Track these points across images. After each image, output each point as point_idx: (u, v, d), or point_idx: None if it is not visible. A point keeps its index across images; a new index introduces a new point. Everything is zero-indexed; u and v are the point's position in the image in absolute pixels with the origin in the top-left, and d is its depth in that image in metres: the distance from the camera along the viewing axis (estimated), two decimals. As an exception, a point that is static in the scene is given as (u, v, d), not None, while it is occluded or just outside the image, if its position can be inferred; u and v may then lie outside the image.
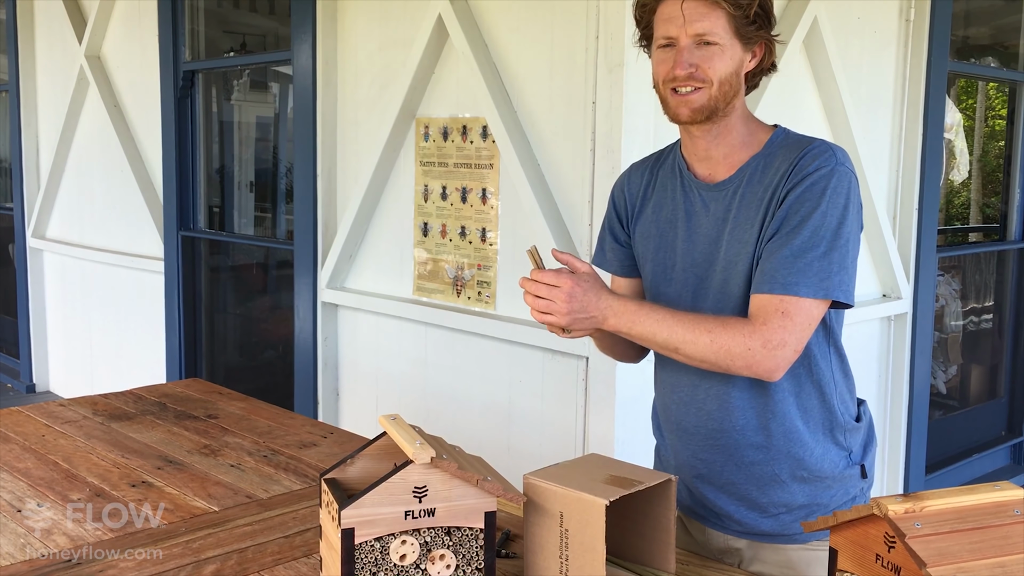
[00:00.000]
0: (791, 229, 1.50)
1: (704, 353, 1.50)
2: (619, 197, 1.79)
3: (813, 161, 1.52)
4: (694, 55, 1.53)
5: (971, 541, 1.15)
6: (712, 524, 1.71)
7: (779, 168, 1.55)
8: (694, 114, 1.56)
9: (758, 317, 1.49)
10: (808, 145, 1.56)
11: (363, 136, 3.82)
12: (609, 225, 1.80)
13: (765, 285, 1.50)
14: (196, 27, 4.93)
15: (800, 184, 1.51)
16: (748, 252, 1.55)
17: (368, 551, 1.34)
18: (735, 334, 1.48)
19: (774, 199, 1.53)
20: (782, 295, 1.48)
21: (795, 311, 1.48)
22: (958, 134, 4.90)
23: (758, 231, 1.55)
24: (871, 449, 1.70)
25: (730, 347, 1.48)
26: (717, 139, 1.60)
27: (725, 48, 1.53)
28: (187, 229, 4.92)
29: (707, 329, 1.50)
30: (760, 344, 1.48)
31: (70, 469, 2.06)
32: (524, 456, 3.28)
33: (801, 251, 1.48)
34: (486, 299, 3.42)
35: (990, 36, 5.19)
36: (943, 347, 4.87)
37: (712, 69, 1.53)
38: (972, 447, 4.83)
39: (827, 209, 1.49)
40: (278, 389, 4.51)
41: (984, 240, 5.40)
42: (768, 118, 1.69)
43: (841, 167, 1.52)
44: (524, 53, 3.22)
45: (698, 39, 1.52)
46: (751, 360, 1.49)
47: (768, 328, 1.48)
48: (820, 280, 1.48)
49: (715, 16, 1.51)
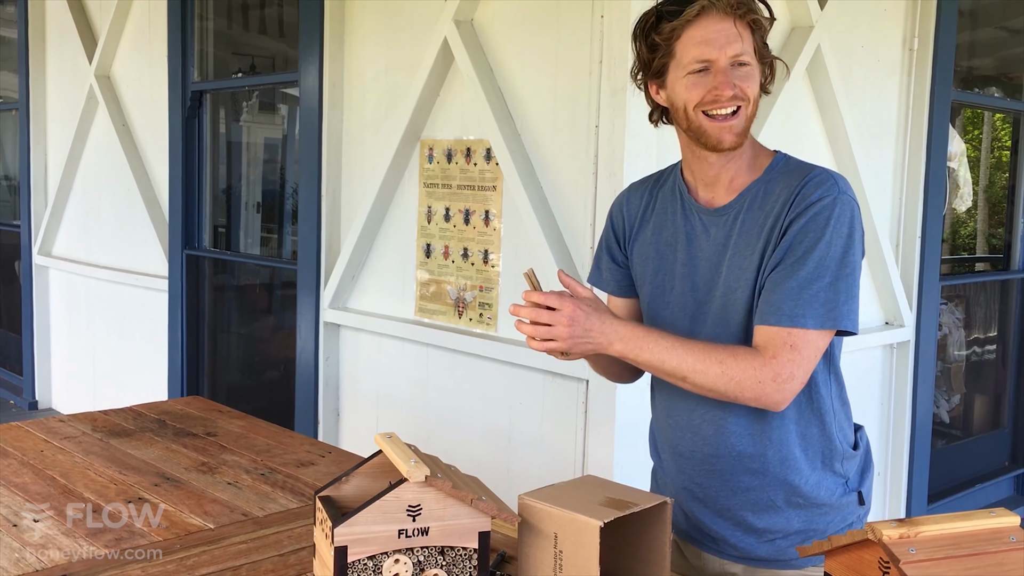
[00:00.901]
0: (796, 260, 1.49)
1: (714, 383, 1.50)
2: (617, 216, 1.78)
3: (816, 190, 1.52)
4: (735, 75, 1.53)
5: (966, 567, 1.15)
6: (708, 548, 1.70)
7: (779, 195, 1.55)
8: (738, 139, 1.55)
9: (767, 350, 1.49)
10: (809, 173, 1.55)
11: (368, 157, 3.84)
12: (607, 244, 1.80)
13: (772, 317, 1.49)
14: (205, 48, 4.98)
15: (804, 214, 1.51)
16: (748, 279, 1.55)
17: (361, 569, 1.34)
18: (746, 366, 1.48)
19: (776, 228, 1.53)
20: (790, 328, 1.48)
21: (803, 344, 1.49)
22: (962, 163, 4.91)
23: (759, 259, 1.54)
24: (868, 475, 1.69)
25: (741, 379, 1.48)
26: (729, 163, 1.60)
27: (754, 68, 1.55)
28: (192, 248, 4.94)
29: (718, 360, 1.49)
30: (771, 377, 1.48)
31: (67, 484, 2.06)
32: (524, 478, 3.27)
33: (807, 282, 1.48)
34: (487, 321, 3.42)
35: (994, 67, 5.22)
36: (946, 376, 4.86)
37: (750, 89, 1.54)
38: (975, 477, 4.80)
39: (831, 239, 1.49)
40: (279, 409, 4.50)
41: (990, 270, 5.40)
42: (771, 145, 1.69)
43: (844, 196, 1.52)
44: (528, 77, 3.24)
45: (735, 60, 1.52)
46: (760, 392, 1.49)
47: (778, 362, 1.48)
48: (827, 311, 1.49)
49: (747, 37, 1.53)
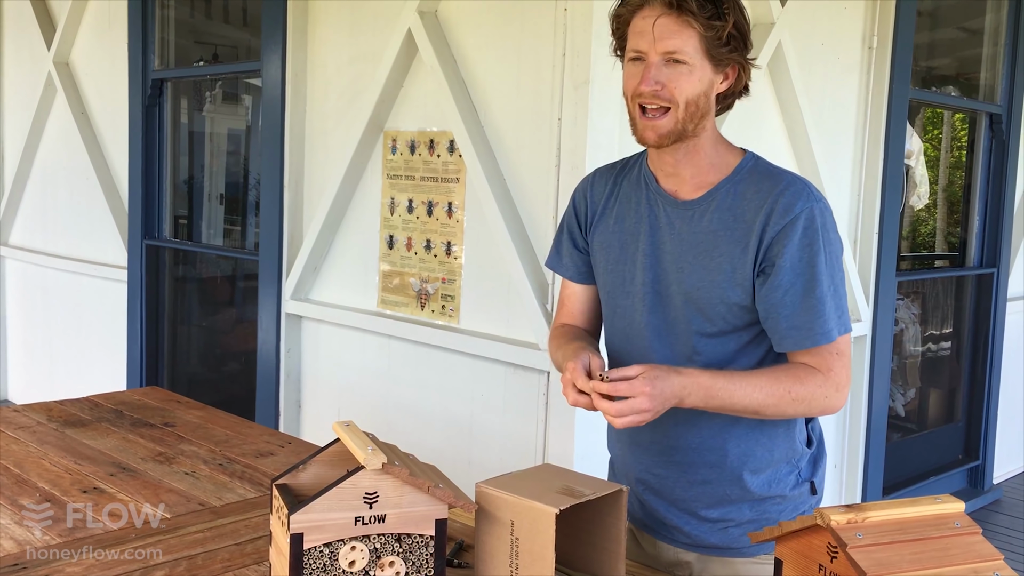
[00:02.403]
0: (807, 280, 1.54)
1: (785, 410, 1.56)
2: (580, 201, 1.77)
3: (795, 202, 1.53)
4: (662, 73, 1.50)
5: (912, 552, 1.17)
6: (662, 537, 1.72)
7: (752, 201, 1.55)
8: (660, 139, 1.55)
9: (823, 366, 1.56)
10: (782, 182, 1.56)
11: (331, 148, 3.82)
12: (568, 228, 1.78)
13: (819, 337, 1.55)
14: (166, 36, 4.92)
15: (790, 231, 1.52)
16: (715, 280, 1.56)
17: (317, 557, 1.34)
18: (813, 387, 1.55)
19: (756, 239, 1.54)
20: (829, 342, 1.55)
21: (844, 348, 1.58)
22: (920, 161, 4.98)
23: (732, 265, 1.55)
24: (821, 465, 1.72)
25: (810, 400, 1.55)
26: (686, 158, 1.59)
27: (694, 68, 1.51)
28: (152, 238, 4.89)
29: (787, 389, 1.54)
30: (834, 389, 1.56)
31: (20, 474, 2.04)
32: (485, 469, 3.26)
33: (822, 298, 1.54)
34: (450, 313, 3.42)
35: (952, 66, 5.30)
36: (902, 370, 4.93)
37: (678, 89, 1.51)
38: (929, 470, 4.89)
39: (826, 248, 1.55)
40: (241, 400, 4.47)
41: (948, 266, 5.49)
42: (732, 141, 1.70)
43: (819, 204, 1.55)
44: (492, 69, 3.25)
45: (667, 56, 1.50)
46: (827, 405, 1.57)
47: (834, 373, 1.56)
48: (839, 316, 1.57)
49: (686, 35, 1.49)
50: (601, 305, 1.76)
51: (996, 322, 5.03)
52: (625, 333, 1.68)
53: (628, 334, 1.68)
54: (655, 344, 1.63)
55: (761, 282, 1.55)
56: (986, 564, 1.18)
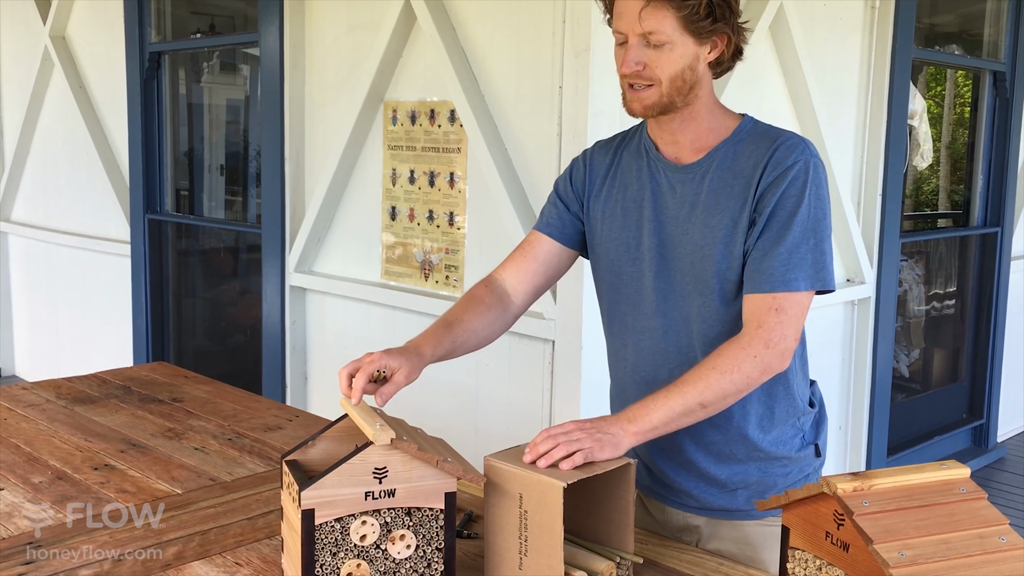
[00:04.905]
0: (781, 225, 1.52)
1: (726, 389, 1.50)
2: (579, 170, 1.77)
3: (789, 154, 1.54)
4: (642, 53, 1.53)
5: (917, 518, 1.18)
6: (671, 502, 1.73)
7: (751, 157, 1.57)
8: (646, 110, 1.58)
9: (751, 321, 1.52)
10: (779, 137, 1.58)
11: (331, 119, 3.81)
12: (562, 194, 1.78)
13: (766, 284, 1.52)
14: (163, 7, 4.88)
15: (781, 179, 1.53)
16: (717, 237, 1.57)
17: (328, 531, 1.35)
18: (737, 353, 1.50)
19: (751, 190, 1.55)
20: (776, 293, 1.51)
21: (788, 305, 1.52)
22: (923, 120, 4.95)
23: (731, 219, 1.56)
24: (823, 428, 1.73)
25: (740, 367, 1.50)
26: (683, 125, 1.62)
27: (675, 46, 1.52)
28: (154, 212, 4.88)
29: (711, 368, 1.50)
30: (763, 346, 1.51)
31: (32, 452, 2.05)
32: (491, 439, 3.30)
33: (795, 246, 1.52)
34: (454, 283, 3.42)
35: (955, 24, 5.25)
36: (906, 331, 4.94)
37: (660, 68, 1.53)
38: (933, 430, 4.91)
39: (811, 202, 1.53)
40: (246, 373, 4.49)
41: (952, 226, 5.48)
42: (734, 104, 1.70)
43: (814, 159, 1.56)
44: (492, 37, 3.22)
45: (645, 37, 1.52)
46: (763, 365, 1.51)
47: (764, 329, 1.51)
48: (816, 271, 1.53)
49: (660, 15, 1.50)
50: (605, 275, 1.75)
51: (1000, 281, 5.03)
52: (632, 300, 1.69)
53: (636, 300, 1.68)
54: (661, 307, 1.65)
55: (750, 232, 1.56)
56: (992, 529, 1.19)
